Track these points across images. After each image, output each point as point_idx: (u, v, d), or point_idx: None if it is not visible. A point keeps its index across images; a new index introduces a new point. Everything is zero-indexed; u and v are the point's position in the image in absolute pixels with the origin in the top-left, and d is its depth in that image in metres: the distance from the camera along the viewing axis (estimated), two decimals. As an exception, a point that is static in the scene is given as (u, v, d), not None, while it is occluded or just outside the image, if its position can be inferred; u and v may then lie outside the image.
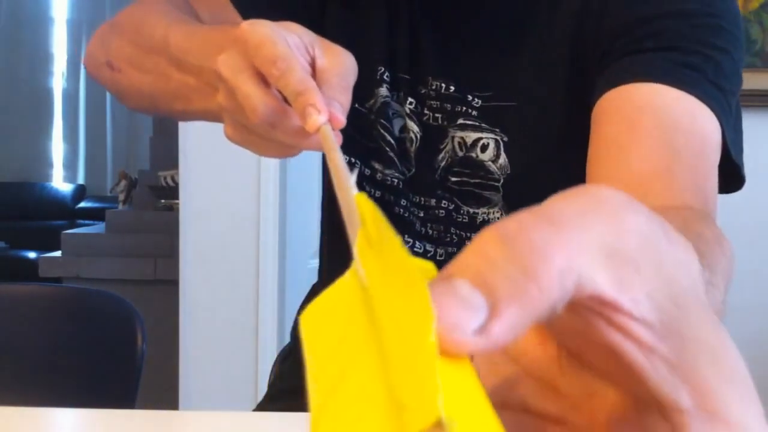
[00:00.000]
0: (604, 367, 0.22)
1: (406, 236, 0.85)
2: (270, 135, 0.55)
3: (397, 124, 0.84)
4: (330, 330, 0.22)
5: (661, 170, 0.62)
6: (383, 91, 0.83)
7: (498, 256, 0.20)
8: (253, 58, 0.53)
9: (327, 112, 0.50)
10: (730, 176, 0.71)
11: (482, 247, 0.20)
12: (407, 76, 0.83)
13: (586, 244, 0.20)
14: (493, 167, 0.79)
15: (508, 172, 0.79)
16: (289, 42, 0.54)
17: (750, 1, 2.13)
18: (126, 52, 0.77)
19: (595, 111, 0.69)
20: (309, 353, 0.21)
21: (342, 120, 0.51)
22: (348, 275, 0.23)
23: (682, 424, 0.20)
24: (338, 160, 0.36)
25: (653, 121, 0.65)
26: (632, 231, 0.21)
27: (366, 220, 0.23)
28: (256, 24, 0.54)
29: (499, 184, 0.80)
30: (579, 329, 0.21)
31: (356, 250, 0.23)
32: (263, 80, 0.54)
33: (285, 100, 0.54)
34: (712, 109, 0.66)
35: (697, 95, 0.66)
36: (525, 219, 0.20)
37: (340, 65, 0.55)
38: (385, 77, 0.83)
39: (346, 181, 0.30)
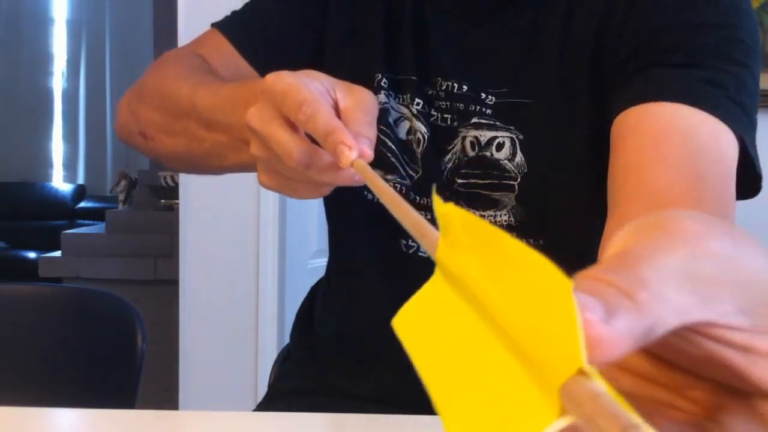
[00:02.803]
0: (703, 370, 0.25)
1: (410, 241, 0.85)
2: (304, 176, 0.58)
3: (403, 128, 0.83)
4: (427, 327, 0.25)
5: (689, 194, 0.62)
6: (381, 98, 0.83)
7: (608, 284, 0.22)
8: (280, 106, 0.56)
9: (357, 147, 0.53)
10: (751, 184, 0.72)
11: (595, 276, 0.23)
12: (413, 78, 0.83)
13: (668, 279, 0.22)
14: (509, 165, 0.79)
15: (525, 170, 0.79)
16: (311, 88, 0.57)
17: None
18: (155, 120, 0.80)
19: (617, 126, 0.69)
20: (412, 351, 0.25)
21: (370, 154, 0.54)
22: (431, 283, 0.26)
23: None
24: (383, 185, 0.41)
25: (679, 144, 0.65)
26: (706, 254, 0.23)
27: (450, 228, 0.26)
28: (280, 75, 0.57)
29: (516, 183, 0.79)
30: (677, 345, 0.24)
31: (439, 256, 0.26)
32: (292, 126, 0.57)
33: (313, 140, 0.57)
34: (733, 129, 0.66)
35: (719, 116, 0.66)
36: (611, 266, 0.23)
37: (363, 103, 0.58)
38: (383, 84, 0.83)
39: (401, 202, 0.35)
